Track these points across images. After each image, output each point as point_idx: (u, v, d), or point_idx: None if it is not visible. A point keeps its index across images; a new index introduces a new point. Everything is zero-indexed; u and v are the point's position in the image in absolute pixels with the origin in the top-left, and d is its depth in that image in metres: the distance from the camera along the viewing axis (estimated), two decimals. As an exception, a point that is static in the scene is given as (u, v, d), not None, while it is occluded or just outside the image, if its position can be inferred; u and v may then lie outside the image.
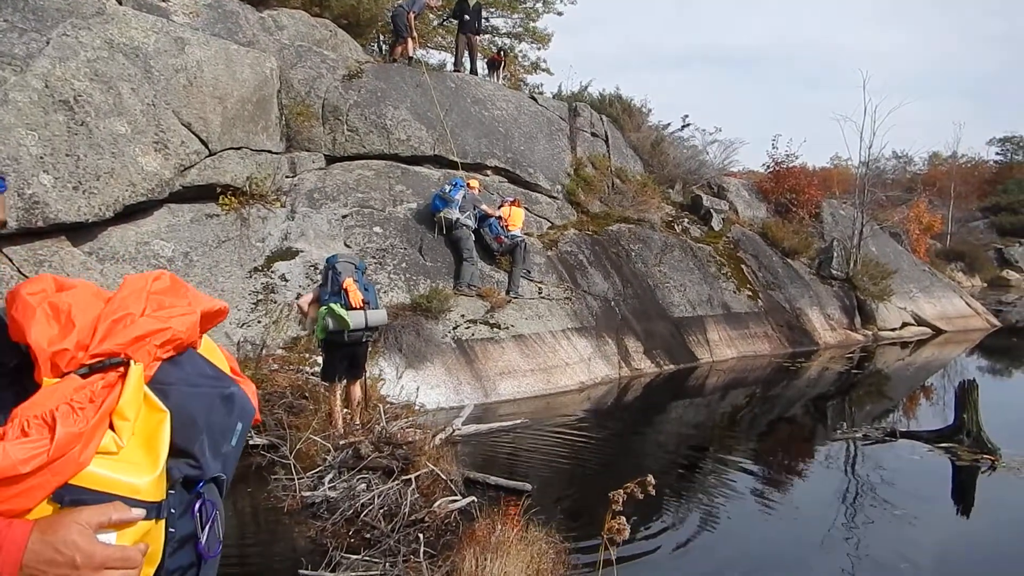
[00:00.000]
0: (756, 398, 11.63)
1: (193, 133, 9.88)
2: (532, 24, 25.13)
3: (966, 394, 8.18)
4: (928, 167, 47.13)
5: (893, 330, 17.12)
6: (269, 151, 11.20)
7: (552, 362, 10.97)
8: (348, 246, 10.75)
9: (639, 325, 13.08)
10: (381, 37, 18.29)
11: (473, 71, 16.33)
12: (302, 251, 10.37)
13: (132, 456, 1.04)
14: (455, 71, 16.00)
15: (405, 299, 10.50)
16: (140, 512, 1.02)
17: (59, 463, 0.96)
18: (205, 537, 1.13)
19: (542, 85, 25.15)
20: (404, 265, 10.99)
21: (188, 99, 9.87)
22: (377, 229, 11.25)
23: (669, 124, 21.14)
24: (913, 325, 17.73)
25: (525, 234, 12.38)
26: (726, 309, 14.72)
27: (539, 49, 25.81)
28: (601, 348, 12.07)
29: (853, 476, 7.71)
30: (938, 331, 17.79)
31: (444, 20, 19.21)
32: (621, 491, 2.84)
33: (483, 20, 18.25)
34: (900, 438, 8.58)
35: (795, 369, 13.51)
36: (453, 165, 13.11)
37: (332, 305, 6.64)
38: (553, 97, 18.91)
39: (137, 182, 9.07)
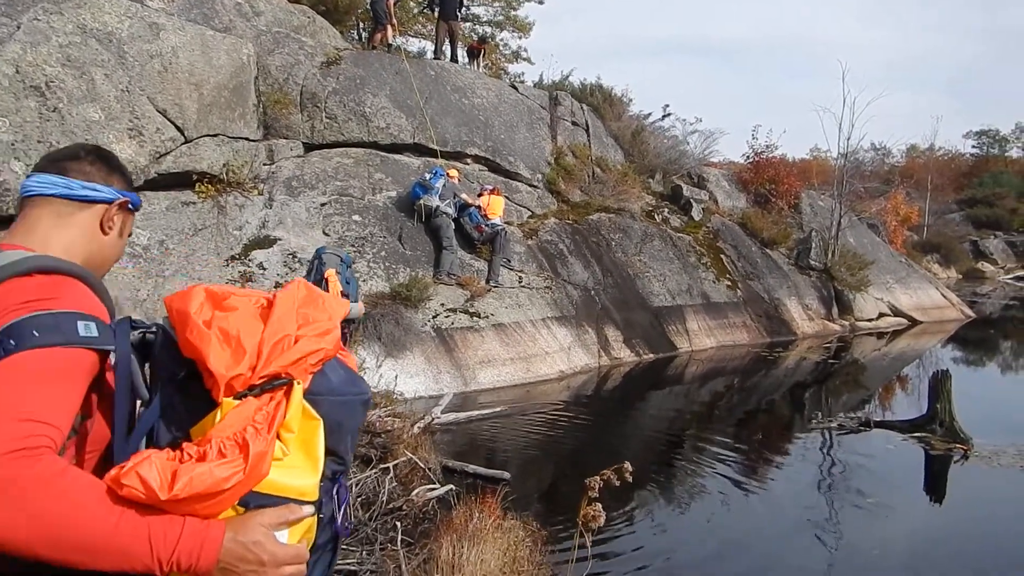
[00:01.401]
0: (734, 387, 11.70)
1: (168, 120, 9.76)
2: (513, 12, 25.07)
3: (940, 384, 8.26)
4: (906, 159, 47.51)
5: (870, 320, 17.27)
6: (246, 138, 11.10)
7: (532, 351, 10.98)
8: (327, 234, 10.69)
9: (619, 314, 13.11)
10: (360, 24, 18.18)
11: (454, 59, 16.25)
12: (280, 239, 10.29)
13: (296, 461, 1.20)
14: (435, 59, 15.92)
15: (384, 288, 10.46)
16: (309, 510, 1.21)
17: (250, 477, 1.12)
18: (341, 517, 1.34)
19: (523, 74, 25.10)
20: (383, 254, 10.94)
21: (163, 85, 9.74)
22: (356, 217, 11.19)
23: (650, 114, 21.13)
24: (889, 316, 17.89)
25: (505, 223, 12.36)
26: (705, 299, 14.79)
27: (520, 38, 25.77)
28: (581, 337, 12.08)
29: (828, 465, 7.77)
30: (914, 322, 17.97)
31: (425, 7, 19.10)
32: (597, 478, 2.84)
33: (464, 7, 18.14)
34: (874, 428, 8.66)
35: (773, 359, 13.60)
36: (433, 153, 13.05)
37: None
38: (534, 86, 18.87)
39: (111, 169, 8.93)
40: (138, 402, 1.27)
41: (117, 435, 1.19)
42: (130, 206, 1.57)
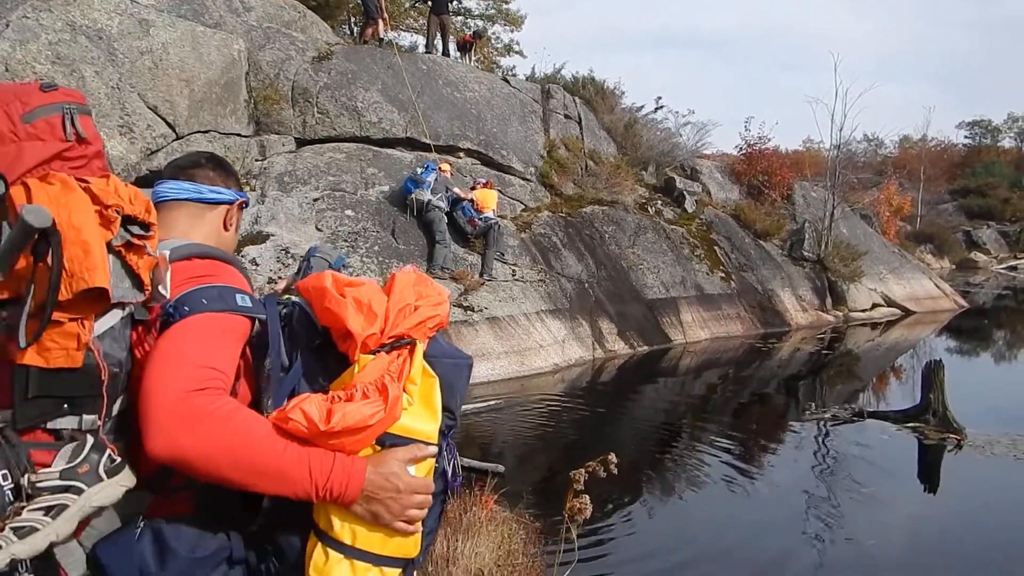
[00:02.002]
0: (729, 379, 11.73)
1: (159, 116, 9.73)
2: (505, 6, 24.98)
3: (933, 374, 8.27)
4: (898, 150, 47.55)
5: (863, 311, 17.30)
6: (238, 134, 11.07)
7: (526, 344, 10.98)
8: (319, 230, 10.67)
9: (613, 307, 13.11)
10: (351, 19, 18.12)
11: (445, 53, 16.21)
12: (273, 235, 10.27)
13: (419, 411, 1.41)
14: (427, 53, 15.88)
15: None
16: (433, 450, 1.42)
17: (388, 417, 1.32)
18: (451, 470, 1.54)
19: (515, 67, 25.02)
20: (376, 248, 10.92)
21: (154, 82, 9.70)
22: (349, 212, 11.17)
23: (643, 106, 21.12)
24: (883, 306, 17.93)
25: (499, 216, 12.35)
26: (699, 291, 14.80)
27: (512, 31, 25.67)
28: (575, 330, 12.09)
29: (823, 456, 7.80)
30: (907, 312, 18.01)
31: (416, 1, 19.05)
32: (582, 470, 2.87)
33: (456, 1, 18.10)
34: (868, 418, 8.68)
35: (767, 350, 13.63)
36: (425, 147, 13.03)
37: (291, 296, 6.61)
38: (526, 79, 18.83)
39: (102, 166, 8.91)
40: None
41: (273, 382, 1.42)
42: (244, 205, 1.83)
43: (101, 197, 1.26)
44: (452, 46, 16.82)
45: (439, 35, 16.16)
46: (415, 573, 1.51)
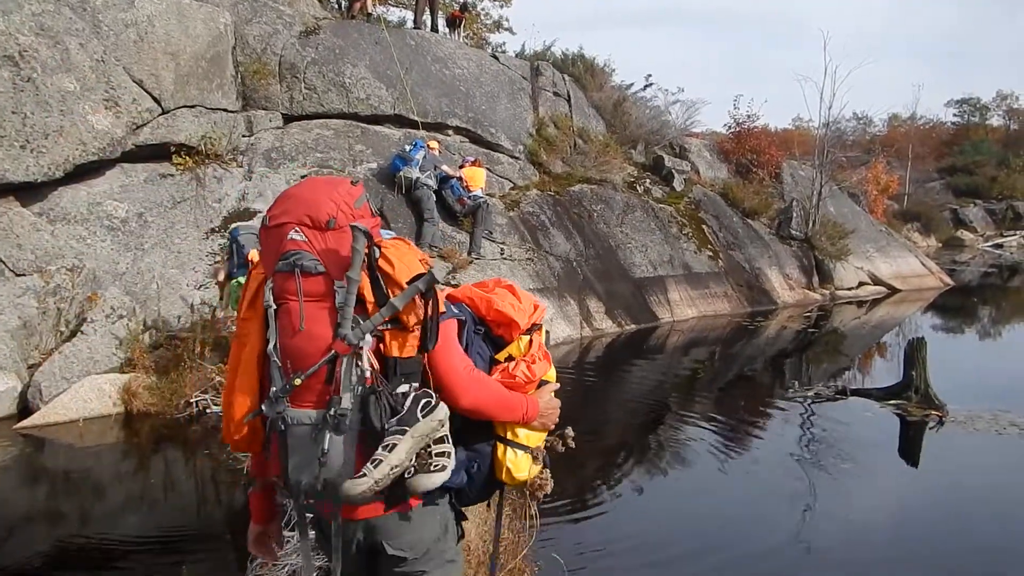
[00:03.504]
0: (715, 357, 11.80)
1: (145, 90, 9.64)
2: (494, -19, 24.73)
3: (915, 352, 8.35)
4: (887, 129, 47.63)
5: (850, 289, 17.43)
6: (224, 109, 10.97)
7: (514, 322, 10.97)
8: (307, 207, 10.60)
9: (601, 285, 13.16)
10: (339, -7, 17.83)
11: (434, 28, 16.08)
12: (260, 212, 10.21)
13: (546, 364, 2.27)
14: (415, 28, 15.75)
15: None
16: (558, 385, 2.33)
17: (549, 369, 2.29)
18: None
19: (504, 44, 24.86)
20: (364, 226, 10.88)
21: (139, 55, 9.61)
22: (337, 189, 11.10)
23: (632, 84, 21.08)
24: (869, 284, 18.06)
25: (487, 195, 12.32)
26: (687, 269, 14.86)
27: (501, 7, 25.46)
28: (563, 308, 12.13)
29: (807, 433, 7.86)
30: (893, 290, 18.15)
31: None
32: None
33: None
34: (851, 396, 8.77)
35: (754, 328, 13.71)
36: (414, 125, 12.96)
37: (240, 279, 6.60)
38: (516, 56, 18.72)
39: (87, 141, 8.84)
40: None
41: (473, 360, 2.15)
42: None
43: (417, 254, 1.98)
44: (441, 21, 16.68)
45: (427, 10, 16.02)
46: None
